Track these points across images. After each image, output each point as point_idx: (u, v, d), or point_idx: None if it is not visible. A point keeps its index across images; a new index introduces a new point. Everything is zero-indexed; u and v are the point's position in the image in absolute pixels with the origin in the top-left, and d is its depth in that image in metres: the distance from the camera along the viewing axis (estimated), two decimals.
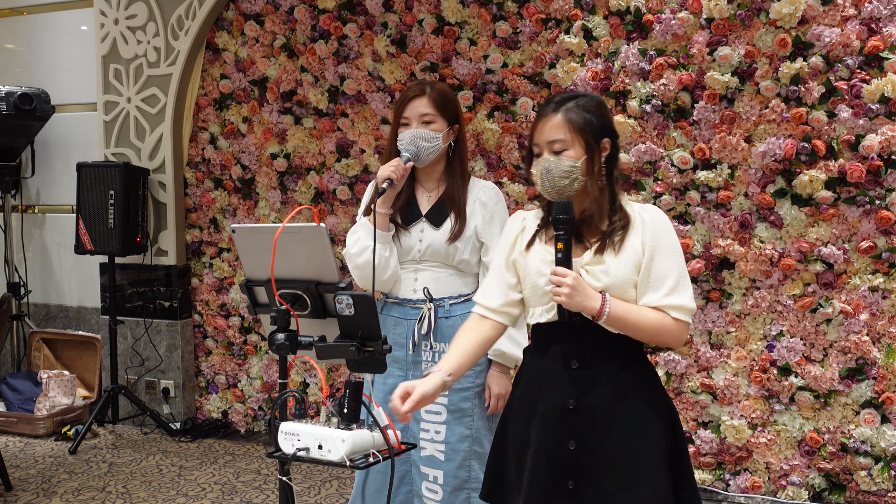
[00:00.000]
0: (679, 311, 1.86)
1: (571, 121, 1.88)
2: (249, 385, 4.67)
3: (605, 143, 1.93)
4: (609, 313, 1.82)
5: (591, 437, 1.87)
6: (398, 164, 2.32)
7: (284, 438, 1.62)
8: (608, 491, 1.85)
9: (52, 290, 5.26)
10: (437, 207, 2.42)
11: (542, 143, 1.90)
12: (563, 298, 1.81)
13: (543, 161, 1.89)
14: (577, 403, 1.87)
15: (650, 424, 1.89)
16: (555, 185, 1.87)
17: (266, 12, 4.39)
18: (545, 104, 1.94)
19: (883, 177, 3.32)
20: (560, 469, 1.87)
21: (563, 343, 1.91)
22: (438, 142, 2.38)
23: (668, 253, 1.88)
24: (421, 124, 2.37)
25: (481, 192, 2.45)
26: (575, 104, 1.90)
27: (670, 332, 1.87)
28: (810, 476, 3.53)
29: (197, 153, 4.70)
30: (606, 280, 1.85)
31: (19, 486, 3.84)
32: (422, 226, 2.41)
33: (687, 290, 1.88)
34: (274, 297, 1.79)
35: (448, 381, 1.89)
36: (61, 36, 5.10)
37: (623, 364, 1.90)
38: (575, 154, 1.88)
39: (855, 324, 3.40)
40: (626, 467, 1.85)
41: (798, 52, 3.39)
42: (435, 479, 2.38)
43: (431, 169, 2.44)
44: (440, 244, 2.38)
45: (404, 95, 2.41)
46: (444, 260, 2.40)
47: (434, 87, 2.40)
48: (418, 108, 2.37)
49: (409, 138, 2.36)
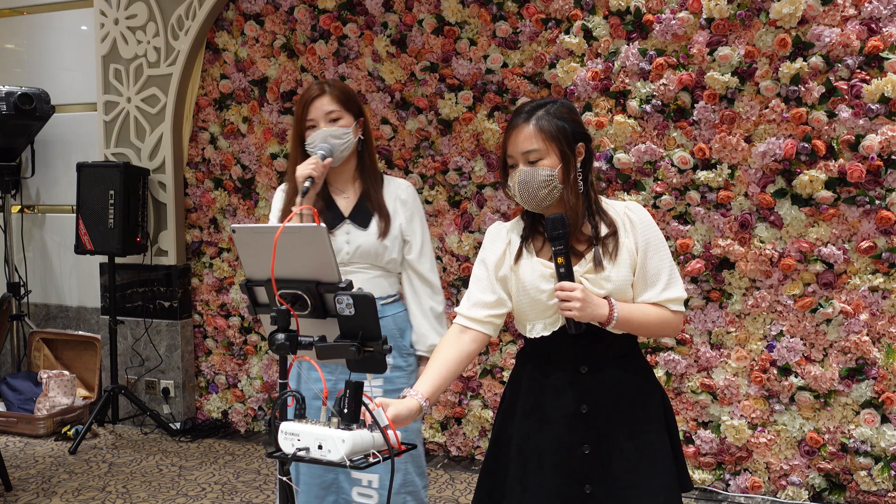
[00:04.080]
0: (676, 303, 1.91)
1: (543, 129, 1.85)
2: (249, 385, 4.67)
3: (580, 147, 1.90)
4: (617, 318, 1.84)
5: (606, 440, 1.88)
6: (317, 162, 2.28)
7: (284, 438, 1.62)
8: (623, 488, 1.87)
9: (52, 290, 5.26)
10: (359, 208, 2.39)
11: (517, 155, 1.87)
12: (574, 312, 1.80)
13: (520, 173, 1.86)
14: (590, 408, 1.88)
15: (654, 418, 1.93)
16: (535, 196, 1.86)
17: (266, 12, 4.39)
18: (515, 115, 1.90)
19: (883, 177, 3.32)
20: (575, 475, 1.88)
21: (569, 350, 1.91)
22: (350, 136, 2.35)
23: (658, 248, 1.90)
24: (328, 122, 2.33)
25: (399, 191, 2.44)
26: (545, 112, 1.87)
27: (671, 324, 1.92)
28: (810, 476, 3.53)
29: (197, 153, 4.70)
30: (609, 286, 1.86)
31: (19, 486, 3.84)
32: (346, 228, 2.38)
33: (679, 282, 1.92)
34: (274, 297, 1.78)
35: (425, 406, 1.79)
36: (61, 36, 5.11)
37: (626, 364, 1.93)
38: (551, 163, 1.86)
39: (855, 324, 3.40)
40: (640, 464, 1.88)
41: (798, 52, 3.39)
42: (370, 483, 2.34)
43: (344, 168, 2.41)
44: (371, 244, 2.36)
45: (304, 98, 2.37)
46: (373, 261, 2.38)
47: (333, 85, 2.37)
48: (323, 107, 2.33)
49: (321, 137, 2.32)
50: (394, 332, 2.39)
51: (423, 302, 2.43)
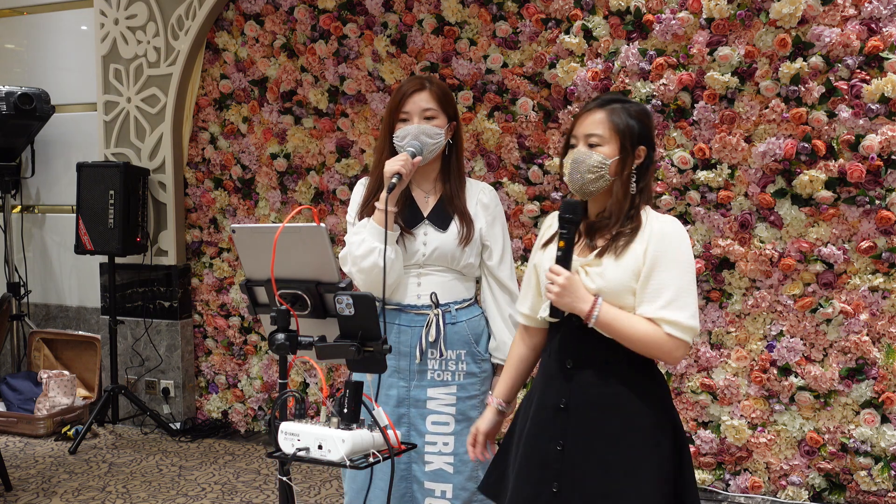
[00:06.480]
0: (674, 326, 1.80)
1: (613, 119, 1.89)
2: (249, 385, 4.67)
3: (641, 150, 1.92)
4: (598, 317, 1.81)
5: (579, 439, 1.85)
6: (406, 159, 2.18)
7: (284, 438, 1.62)
8: (592, 496, 1.82)
9: (52, 290, 5.26)
10: (438, 209, 2.31)
11: (580, 136, 1.91)
12: (552, 297, 1.83)
13: (576, 152, 1.90)
14: (567, 403, 1.87)
15: (647, 433, 1.85)
16: (582, 178, 1.88)
17: (266, 12, 4.39)
18: (592, 100, 1.95)
19: (883, 177, 3.32)
20: (546, 469, 1.87)
21: (560, 342, 1.91)
22: (441, 138, 2.27)
23: (672, 266, 1.83)
24: (423, 119, 2.25)
25: (481, 194, 2.37)
26: (621, 106, 1.91)
27: (661, 346, 1.81)
28: (810, 476, 3.53)
29: (197, 153, 4.70)
30: (601, 283, 1.84)
31: (19, 486, 3.84)
32: (425, 229, 2.29)
33: (687, 308, 1.81)
34: (274, 297, 1.78)
35: (503, 408, 2.02)
36: (61, 36, 5.11)
37: (621, 369, 1.86)
38: (608, 152, 1.88)
39: (855, 324, 3.40)
40: (614, 474, 1.82)
41: (798, 52, 3.39)
42: (443, 493, 2.28)
43: (429, 168, 2.33)
44: (448, 248, 2.28)
45: (403, 90, 2.28)
46: (449, 264, 2.30)
47: (434, 82, 2.30)
48: (420, 103, 2.25)
49: (413, 134, 2.23)
50: (468, 337, 2.31)
51: (504, 309, 2.35)
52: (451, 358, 2.28)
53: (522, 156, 3.91)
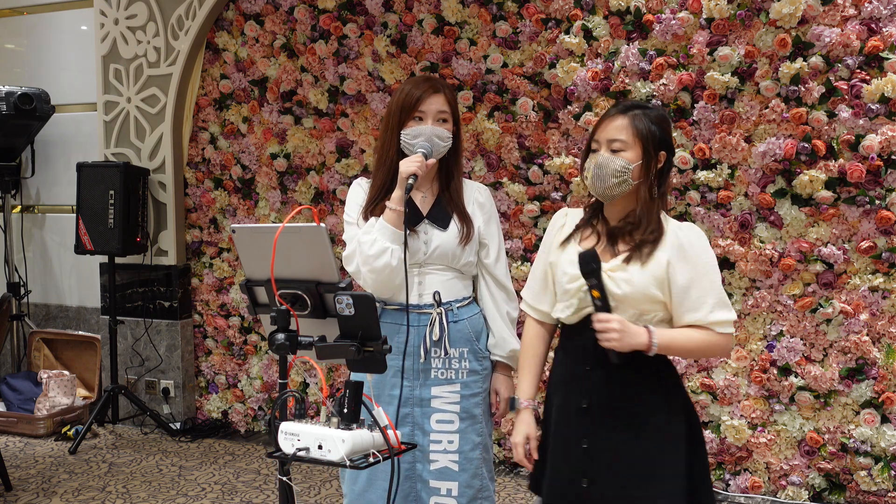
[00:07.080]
0: (723, 325, 1.91)
1: (636, 125, 1.94)
2: (249, 385, 4.67)
3: (661, 155, 1.97)
4: (658, 344, 1.86)
5: (604, 437, 1.92)
6: (421, 161, 2.20)
7: (284, 438, 1.62)
8: (619, 489, 1.90)
9: (52, 290, 5.26)
10: (437, 208, 2.33)
11: (603, 141, 1.96)
12: (614, 343, 1.85)
13: (599, 157, 1.94)
14: (589, 403, 1.93)
15: (667, 424, 1.93)
16: (605, 182, 1.93)
17: (266, 12, 4.39)
18: (614, 106, 2.01)
19: (883, 177, 3.32)
20: (574, 467, 1.95)
21: (580, 343, 1.97)
22: (450, 142, 2.30)
23: (706, 271, 1.92)
24: (437, 122, 2.27)
25: (476, 193, 2.39)
26: (643, 112, 1.96)
27: (717, 346, 1.93)
28: (810, 476, 3.53)
29: (197, 153, 4.70)
30: (627, 288, 1.90)
31: (19, 486, 3.84)
32: (425, 228, 2.31)
33: (727, 304, 1.93)
34: (274, 297, 1.78)
35: (535, 406, 2.09)
36: (61, 36, 5.11)
37: (639, 365, 1.92)
38: (631, 157, 1.93)
39: (855, 324, 3.40)
40: (640, 467, 1.90)
41: (798, 52, 3.39)
42: (449, 491, 2.29)
43: (430, 169, 2.33)
44: (449, 246, 2.29)
45: (417, 90, 2.27)
46: (449, 262, 2.31)
47: (446, 86, 2.33)
48: (436, 105, 2.26)
49: (426, 135, 2.24)
50: (469, 335, 2.32)
51: (501, 307, 2.38)
52: (454, 356, 2.29)
53: (522, 156, 3.91)
